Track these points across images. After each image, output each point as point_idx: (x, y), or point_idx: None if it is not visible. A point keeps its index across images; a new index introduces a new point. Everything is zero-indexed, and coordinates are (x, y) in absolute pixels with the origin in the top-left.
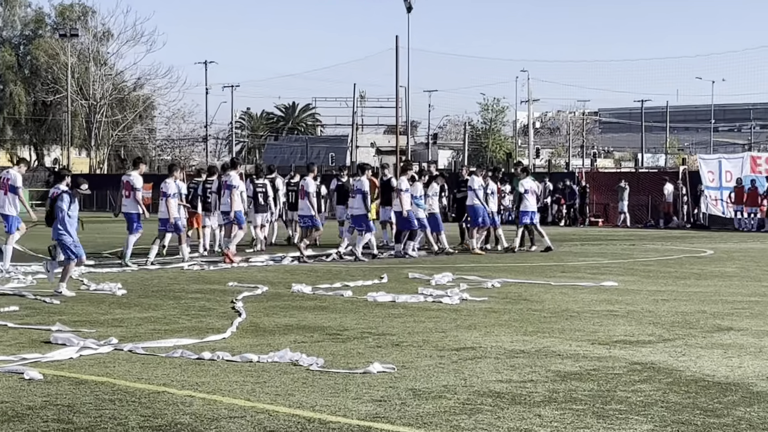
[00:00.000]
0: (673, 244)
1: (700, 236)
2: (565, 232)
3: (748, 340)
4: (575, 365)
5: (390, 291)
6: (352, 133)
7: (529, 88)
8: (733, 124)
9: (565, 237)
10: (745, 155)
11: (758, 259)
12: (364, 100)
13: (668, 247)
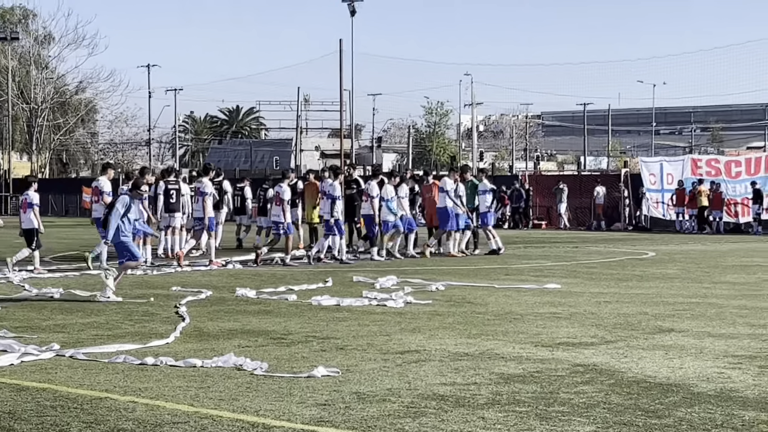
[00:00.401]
0: (615, 246)
1: (641, 238)
2: (508, 235)
3: (689, 341)
4: (518, 367)
5: (334, 294)
6: (296, 136)
7: (472, 92)
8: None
9: (509, 240)
10: (686, 158)
11: (699, 260)
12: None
13: (611, 249)
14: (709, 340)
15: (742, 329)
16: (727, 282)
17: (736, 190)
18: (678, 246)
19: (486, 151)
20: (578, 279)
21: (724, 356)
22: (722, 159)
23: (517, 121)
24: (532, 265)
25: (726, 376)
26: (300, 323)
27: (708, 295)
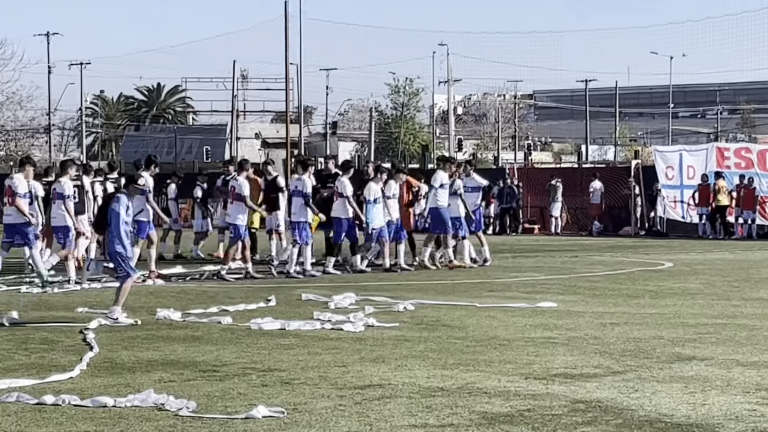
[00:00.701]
0: (623, 255)
1: (656, 245)
2: (493, 242)
3: (714, 371)
4: (505, 405)
5: (279, 316)
6: (231, 121)
7: (448, 66)
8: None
9: (494, 247)
10: (710, 146)
11: (726, 272)
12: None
13: (618, 259)
14: (738, 369)
15: None
16: (760, 299)
17: None
18: (701, 255)
19: (466, 139)
20: (578, 296)
21: (756, 390)
22: (755, 148)
23: (503, 101)
24: (522, 278)
25: (759, 414)
26: (236, 352)
27: (737, 315)
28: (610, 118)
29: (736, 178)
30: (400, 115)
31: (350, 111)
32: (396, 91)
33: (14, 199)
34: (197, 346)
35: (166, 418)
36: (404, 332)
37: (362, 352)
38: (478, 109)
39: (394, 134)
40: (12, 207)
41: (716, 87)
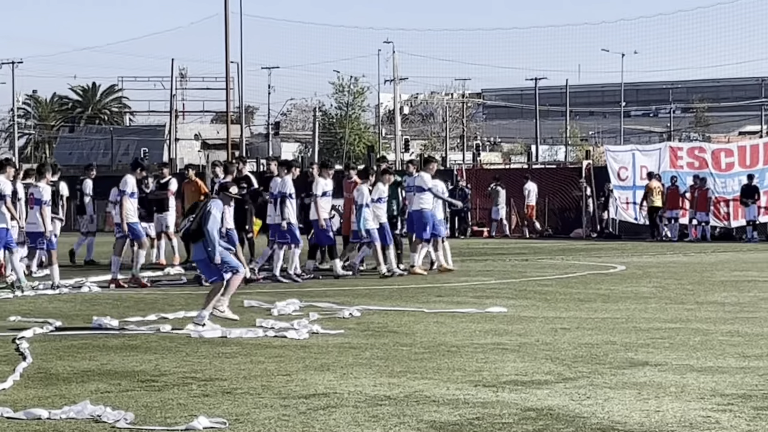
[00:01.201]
0: (575, 258)
1: (608, 248)
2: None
3: (668, 377)
4: (454, 413)
5: (220, 324)
6: (170, 121)
7: (394, 64)
8: (649, 107)
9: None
10: (663, 146)
11: (680, 275)
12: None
13: (570, 263)
14: (692, 375)
15: (733, 361)
16: (714, 302)
17: (726, 185)
18: (654, 257)
19: (413, 139)
20: (529, 300)
21: (711, 396)
22: (709, 147)
23: (451, 101)
24: (471, 283)
25: (713, 420)
26: (176, 361)
27: (691, 319)
28: (560, 117)
29: (689, 178)
30: (344, 115)
31: (293, 111)
32: (340, 91)
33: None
34: (135, 355)
35: (103, 431)
36: (350, 339)
37: (306, 360)
38: (425, 109)
39: (338, 135)
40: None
41: (669, 85)
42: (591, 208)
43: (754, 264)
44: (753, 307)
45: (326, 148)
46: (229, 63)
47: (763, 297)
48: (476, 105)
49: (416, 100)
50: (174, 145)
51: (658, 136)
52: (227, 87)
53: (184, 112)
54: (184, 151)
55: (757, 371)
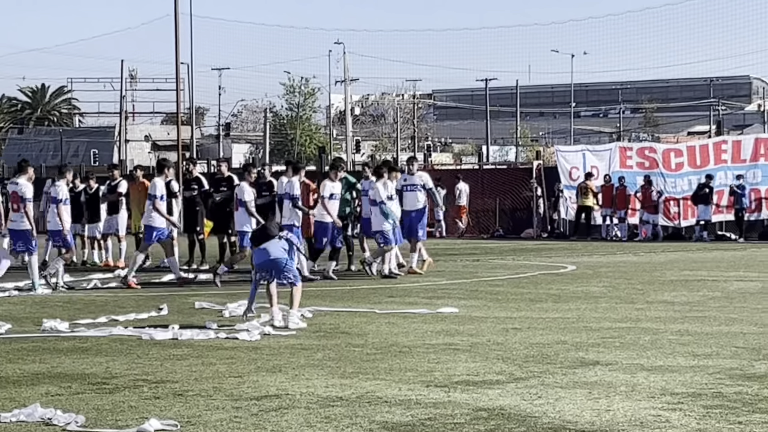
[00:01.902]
0: (526, 258)
1: (559, 248)
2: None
3: (618, 376)
4: (406, 414)
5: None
6: (120, 123)
7: (345, 65)
8: (598, 108)
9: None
10: (614, 146)
11: (630, 275)
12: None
13: (520, 263)
14: (642, 374)
15: (683, 360)
16: (664, 301)
17: (676, 185)
18: (604, 257)
19: (364, 140)
20: (480, 301)
21: (661, 394)
22: (659, 147)
23: (402, 101)
24: (422, 284)
25: (664, 419)
26: (126, 363)
27: (641, 319)
28: (511, 117)
29: (639, 178)
30: (295, 115)
31: (244, 112)
32: (291, 91)
33: (24, 204)
34: (86, 357)
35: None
36: (302, 340)
37: (258, 362)
38: (376, 110)
39: (289, 136)
40: (18, 213)
41: (618, 85)
42: (542, 208)
43: (703, 263)
44: (702, 307)
45: (277, 149)
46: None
47: (713, 296)
48: (427, 106)
49: (367, 101)
50: (124, 146)
51: (608, 137)
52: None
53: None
54: (134, 152)
55: (707, 370)
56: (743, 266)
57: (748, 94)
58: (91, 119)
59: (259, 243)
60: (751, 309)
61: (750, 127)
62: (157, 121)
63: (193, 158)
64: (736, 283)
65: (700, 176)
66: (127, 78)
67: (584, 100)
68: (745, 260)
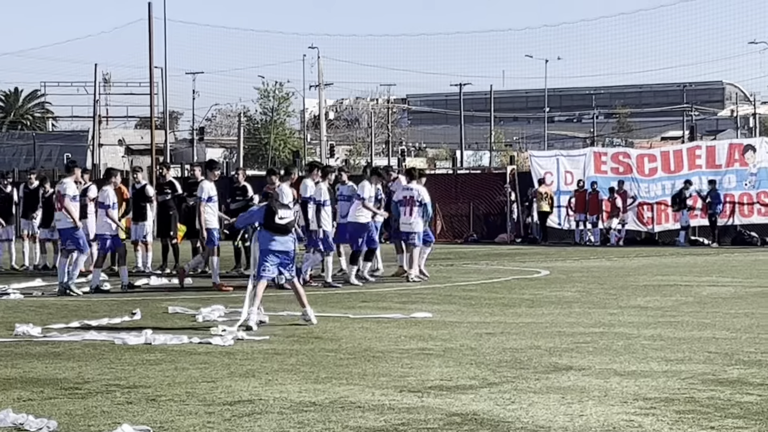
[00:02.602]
0: (500, 263)
1: (532, 253)
2: None
3: (592, 381)
4: (379, 419)
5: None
6: (93, 127)
7: (319, 70)
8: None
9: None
10: (588, 151)
11: (603, 279)
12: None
13: (494, 268)
14: (615, 379)
15: (656, 365)
16: (637, 306)
17: (650, 190)
18: (577, 262)
19: (338, 144)
20: (454, 305)
21: (634, 400)
22: (633, 152)
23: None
24: (396, 288)
25: (636, 424)
26: (99, 368)
27: (614, 324)
28: (485, 122)
29: (614, 183)
30: (269, 120)
31: (218, 116)
32: (265, 96)
33: (63, 202)
34: (58, 362)
35: None
36: (275, 345)
37: (231, 367)
38: (351, 114)
39: (263, 140)
40: (61, 211)
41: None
42: (515, 213)
43: (676, 268)
44: (675, 312)
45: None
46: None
47: (685, 301)
48: (401, 110)
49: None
50: (97, 150)
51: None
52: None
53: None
54: (108, 156)
55: (680, 375)
56: (716, 271)
57: (721, 99)
58: (64, 123)
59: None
60: (724, 314)
61: (723, 132)
62: (131, 125)
63: (166, 162)
64: (708, 288)
65: (674, 181)
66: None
67: (558, 105)
68: (717, 265)
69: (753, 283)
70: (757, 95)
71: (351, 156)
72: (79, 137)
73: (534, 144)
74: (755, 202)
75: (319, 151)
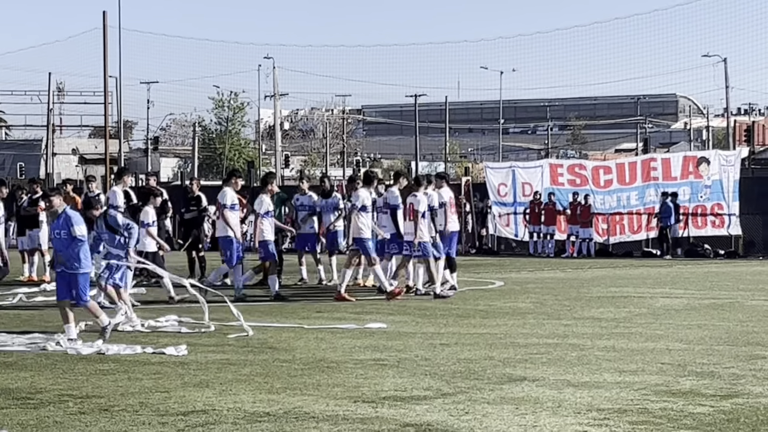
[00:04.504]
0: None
1: (486, 263)
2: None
3: (545, 392)
4: (333, 430)
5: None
6: (47, 136)
7: (275, 80)
8: (527, 124)
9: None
10: (544, 163)
11: (557, 291)
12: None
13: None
14: (569, 390)
15: (609, 376)
16: (591, 317)
17: (605, 202)
18: (532, 273)
19: (293, 155)
20: (408, 316)
21: (587, 410)
22: (588, 164)
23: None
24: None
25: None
26: (52, 378)
27: (568, 335)
28: (440, 133)
29: (569, 195)
30: (224, 130)
31: (172, 126)
32: (220, 106)
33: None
34: (10, 372)
35: None
36: (229, 356)
37: (185, 377)
38: (306, 125)
39: (218, 150)
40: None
41: (546, 102)
42: (470, 224)
43: (629, 280)
44: (629, 323)
45: (206, 164)
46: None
47: (639, 312)
48: (356, 121)
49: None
50: (51, 159)
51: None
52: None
53: (61, 127)
54: (61, 165)
55: (633, 386)
56: (669, 283)
57: (675, 112)
58: (17, 132)
59: None
60: (677, 325)
61: (676, 144)
62: (85, 134)
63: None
64: (661, 300)
65: (629, 193)
66: (55, 91)
67: (513, 117)
68: (671, 277)
69: (706, 295)
70: (710, 108)
71: (306, 166)
72: (32, 146)
73: (488, 155)
74: (708, 214)
75: (273, 162)
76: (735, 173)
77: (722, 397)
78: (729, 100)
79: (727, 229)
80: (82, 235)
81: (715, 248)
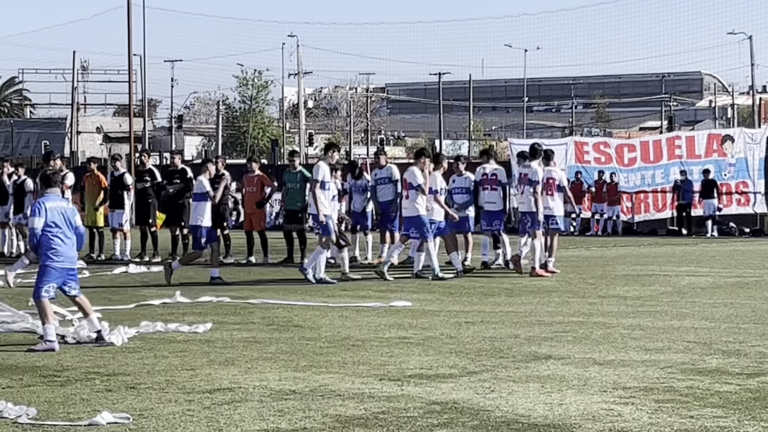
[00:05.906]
0: (477, 252)
1: (511, 242)
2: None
3: (571, 370)
4: (359, 407)
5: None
6: (71, 114)
7: (299, 58)
8: (551, 102)
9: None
10: (569, 141)
11: (582, 269)
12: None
13: (474, 256)
14: (594, 368)
15: (635, 355)
16: (616, 296)
17: (629, 180)
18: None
19: (317, 133)
20: (433, 294)
21: (613, 389)
22: (613, 142)
23: (355, 95)
24: (375, 277)
25: (616, 413)
26: (78, 356)
27: (593, 313)
28: (464, 111)
29: (595, 173)
30: (248, 108)
31: (196, 104)
32: (244, 84)
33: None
34: None
35: (4, 426)
36: (254, 333)
37: (211, 355)
38: (330, 103)
39: (242, 128)
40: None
41: (570, 80)
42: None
43: (654, 258)
44: (654, 301)
45: (230, 142)
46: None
47: (664, 291)
48: (380, 99)
49: (320, 94)
50: (75, 138)
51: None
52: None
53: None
54: (85, 144)
55: (658, 364)
56: (694, 261)
57: (700, 90)
58: (42, 110)
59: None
60: (702, 304)
61: (701, 122)
62: (109, 112)
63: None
64: (687, 278)
65: (653, 171)
66: (79, 69)
67: (537, 95)
68: (696, 255)
69: (731, 273)
70: (735, 86)
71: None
72: (57, 125)
73: (512, 133)
74: (733, 192)
75: (297, 140)
76: (761, 151)
77: (748, 375)
78: (754, 78)
79: (752, 207)
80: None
81: (740, 226)
